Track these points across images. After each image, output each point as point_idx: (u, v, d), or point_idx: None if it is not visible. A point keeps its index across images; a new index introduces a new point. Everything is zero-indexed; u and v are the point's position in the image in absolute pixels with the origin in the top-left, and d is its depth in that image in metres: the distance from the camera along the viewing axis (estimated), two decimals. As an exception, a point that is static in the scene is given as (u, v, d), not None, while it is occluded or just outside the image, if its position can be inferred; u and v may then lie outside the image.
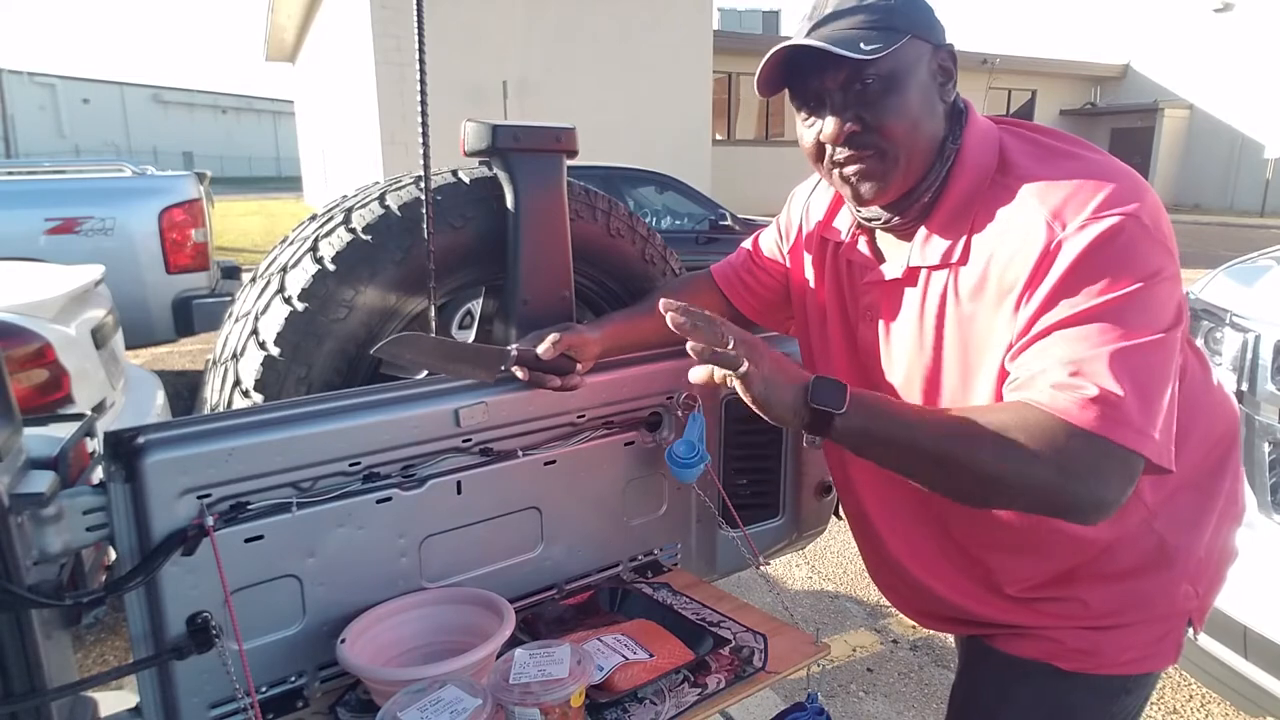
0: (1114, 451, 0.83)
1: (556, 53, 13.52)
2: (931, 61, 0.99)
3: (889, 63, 0.95)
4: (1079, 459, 0.83)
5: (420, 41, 1.23)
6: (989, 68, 17.63)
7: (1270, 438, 1.81)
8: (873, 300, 1.11)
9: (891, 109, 0.97)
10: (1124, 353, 0.84)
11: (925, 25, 0.98)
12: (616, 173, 7.45)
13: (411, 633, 1.10)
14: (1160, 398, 0.86)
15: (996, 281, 0.95)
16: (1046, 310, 0.89)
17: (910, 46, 0.96)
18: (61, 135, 35.85)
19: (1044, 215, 0.91)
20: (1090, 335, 0.85)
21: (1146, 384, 0.84)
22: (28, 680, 0.83)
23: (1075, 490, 0.84)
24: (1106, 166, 0.95)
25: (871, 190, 1.01)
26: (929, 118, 0.99)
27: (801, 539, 1.60)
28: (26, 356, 2.24)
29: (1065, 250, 0.88)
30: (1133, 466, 0.84)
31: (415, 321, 1.34)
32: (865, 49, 0.92)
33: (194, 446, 0.94)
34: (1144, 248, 0.88)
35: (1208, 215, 19.51)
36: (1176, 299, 0.90)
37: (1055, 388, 0.85)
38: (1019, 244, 0.93)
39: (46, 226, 4.05)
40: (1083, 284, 0.87)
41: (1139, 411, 0.83)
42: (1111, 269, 0.86)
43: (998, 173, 1.00)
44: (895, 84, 0.96)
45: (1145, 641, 1.08)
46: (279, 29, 21.29)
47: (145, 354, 4.96)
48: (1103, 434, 0.82)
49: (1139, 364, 0.84)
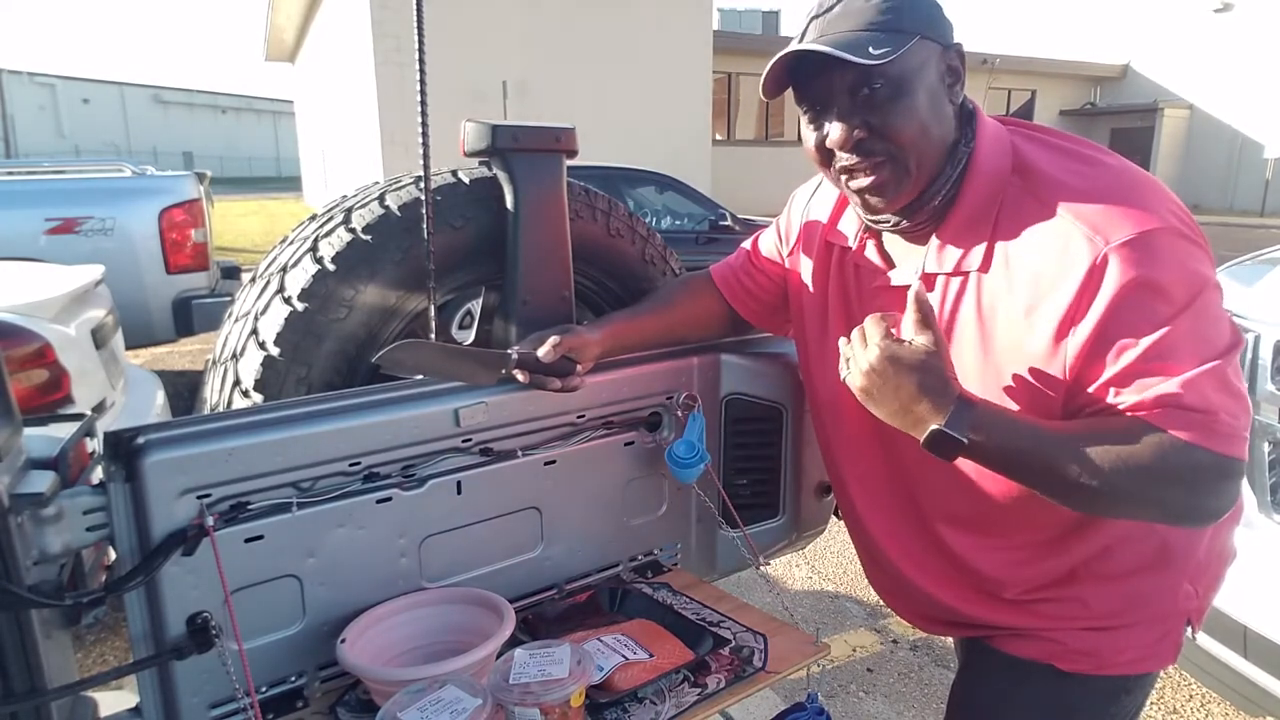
0: (1233, 467, 0.86)
1: (556, 53, 13.52)
2: (940, 62, 0.97)
3: (897, 66, 0.92)
4: (1208, 477, 0.86)
5: (420, 41, 1.23)
6: (989, 68, 17.60)
7: (1270, 438, 1.81)
8: (882, 305, 1.08)
9: (900, 114, 0.94)
10: (1219, 370, 0.87)
11: (934, 24, 0.96)
12: (616, 173, 7.44)
13: (411, 633, 1.10)
14: (1249, 405, 0.89)
15: (1026, 292, 0.93)
16: (1119, 336, 0.87)
17: (919, 48, 0.94)
18: (61, 135, 35.83)
19: (1082, 229, 0.89)
20: (1185, 358, 0.86)
21: (1242, 395, 0.88)
22: (28, 680, 0.83)
23: (1204, 506, 0.88)
24: (1128, 174, 0.94)
25: (881, 196, 0.99)
26: (938, 121, 0.97)
27: (801, 539, 1.60)
28: (26, 356, 2.24)
29: (1115, 267, 0.87)
30: (1241, 474, 0.88)
31: (415, 321, 1.34)
32: (874, 53, 0.90)
33: (194, 446, 0.94)
34: (1192, 256, 0.89)
35: (1208, 215, 19.48)
36: (1223, 302, 0.92)
37: (1175, 409, 0.85)
38: (1056, 256, 0.91)
39: (46, 226, 4.05)
40: (1149, 305, 0.86)
41: (1247, 425, 0.87)
42: (1171, 286, 0.87)
43: (1017, 176, 0.98)
44: (904, 88, 0.94)
45: (1145, 642, 1.08)
46: (279, 29, 21.29)
47: (145, 354, 4.95)
48: (1226, 452, 0.85)
49: (1231, 376, 0.87)
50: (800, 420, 1.48)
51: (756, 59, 3.55)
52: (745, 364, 1.43)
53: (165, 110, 42.77)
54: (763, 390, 1.44)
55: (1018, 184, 0.97)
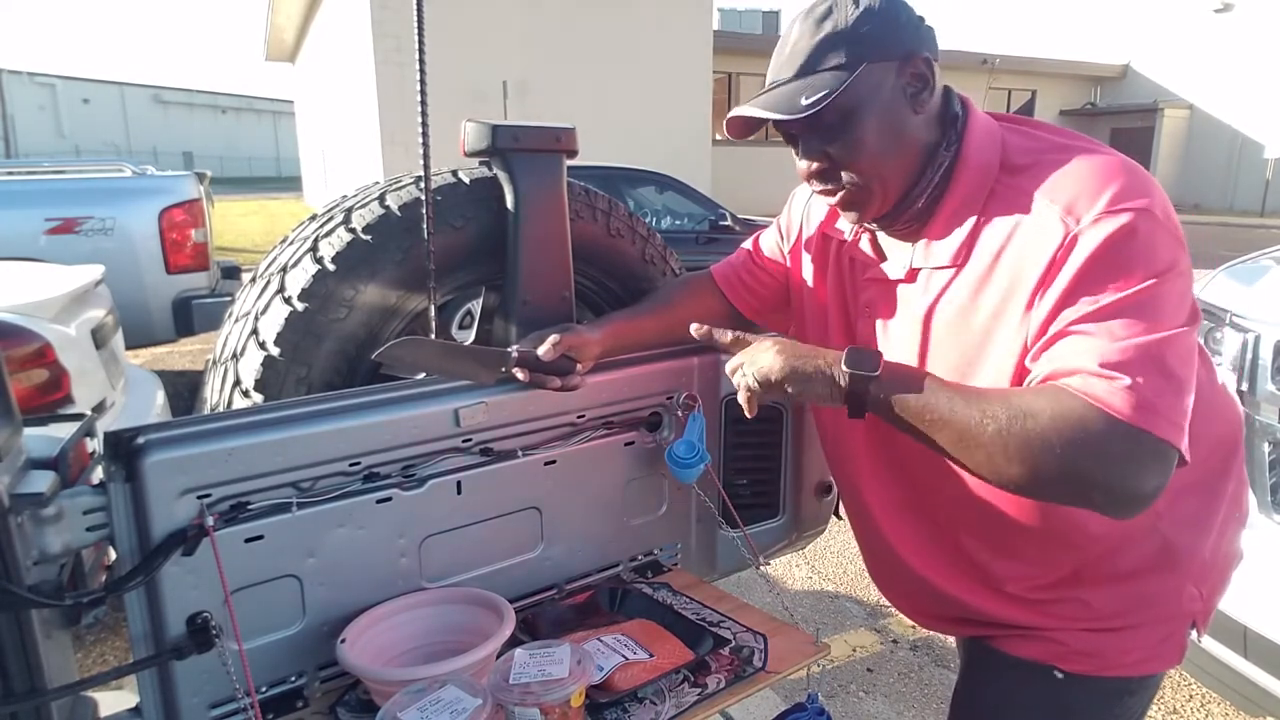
0: (1151, 444, 0.82)
1: (556, 53, 13.52)
2: (898, 79, 0.99)
3: (843, 100, 0.95)
4: (1117, 448, 0.82)
5: (420, 41, 1.23)
6: (989, 68, 17.62)
7: (1270, 438, 1.81)
8: (871, 297, 1.11)
9: (851, 146, 0.99)
10: (1153, 346, 0.84)
11: (882, 45, 0.97)
12: (616, 173, 7.44)
13: (411, 633, 1.10)
14: (1188, 392, 0.85)
15: (1005, 279, 0.94)
16: (1068, 304, 0.88)
17: (866, 75, 0.96)
18: (61, 135, 35.82)
19: (1056, 211, 0.90)
20: (1118, 329, 0.85)
21: (1176, 377, 0.84)
22: (28, 680, 0.83)
23: (1112, 479, 0.83)
24: (1111, 160, 0.95)
25: (854, 212, 1.05)
26: (897, 140, 1.00)
27: (801, 539, 1.60)
28: (26, 356, 2.24)
29: (1081, 244, 0.88)
30: (1168, 460, 0.83)
31: (415, 321, 1.34)
32: (805, 103, 0.95)
33: (194, 446, 0.94)
34: (1160, 241, 0.88)
35: (1208, 215, 19.49)
36: (1191, 293, 0.91)
37: (1090, 376, 0.84)
38: (1030, 240, 0.92)
39: (46, 226, 4.04)
40: (1105, 278, 0.86)
41: (1173, 405, 0.83)
42: (1132, 263, 0.86)
43: (1005, 171, 0.99)
44: (851, 120, 0.98)
45: (1148, 643, 1.08)
46: (279, 29, 21.29)
47: (145, 354, 4.95)
48: (1141, 425, 0.81)
49: (1169, 357, 0.84)
50: (800, 420, 1.48)
51: (756, 59, 3.59)
52: (745, 364, 1.42)
53: (165, 110, 42.76)
54: (763, 390, 1.44)
55: (1005, 179, 0.99)
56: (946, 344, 1.02)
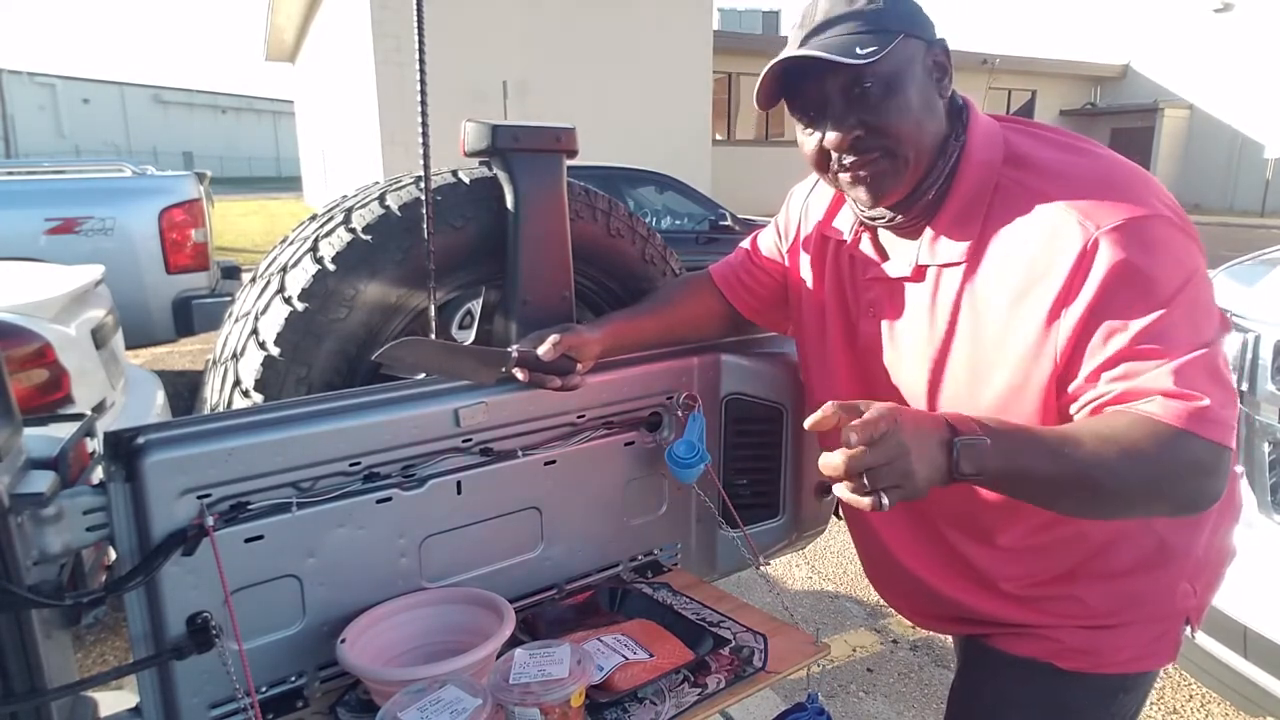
0: (1227, 456, 0.87)
1: (556, 53, 13.51)
2: (926, 58, 1.00)
3: (886, 64, 0.95)
4: (1203, 467, 0.86)
5: (420, 41, 1.23)
6: (989, 68, 17.61)
7: (1270, 438, 1.81)
8: (875, 297, 1.11)
9: (894, 110, 0.97)
10: (1209, 359, 0.87)
11: (916, 23, 0.99)
12: (616, 173, 7.44)
13: (411, 633, 1.10)
14: (1234, 393, 0.90)
15: (1020, 278, 0.95)
16: (1106, 316, 0.88)
17: (904, 45, 0.96)
18: (61, 135, 35.81)
19: (1074, 215, 0.91)
20: (1176, 344, 0.86)
21: (1229, 385, 0.89)
22: (28, 680, 0.83)
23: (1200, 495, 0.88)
24: (1122, 164, 0.96)
25: (879, 190, 1.01)
26: (930, 115, 1.00)
27: (801, 539, 1.60)
28: (26, 356, 2.24)
29: (1105, 251, 0.88)
30: (1230, 461, 0.88)
31: (415, 321, 1.34)
32: (861, 53, 0.93)
33: (194, 446, 0.94)
34: (1182, 244, 0.90)
35: (1208, 215, 19.48)
36: (1213, 293, 0.93)
37: (1167, 399, 0.85)
38: (1047, 242, 0.92)
39: (46, 226, 4.05)
40: (1140, 290, 0.87)
41: (1233, 414, 0.88)
42: (1163, 270, 0.88)
43: (1009, 167, 0.99)
44: (894, 85, 0.96)
45: (1143, 640, 1.08)
46: (279, 29, 21.28)
47: (145, 354, 4.95)
48: (1219, 441, 0.85)
49: (1220, 366, 0.88)
50: (800, 420, 1.48)
51: (756, 59, 3.59)
52: (745, 364, 1.43)
53: (165, 110, 42.76)
54: (763, 390, 1.44)
55: (1010, 175, 0.99)
56: (960, 342, 1.02)
